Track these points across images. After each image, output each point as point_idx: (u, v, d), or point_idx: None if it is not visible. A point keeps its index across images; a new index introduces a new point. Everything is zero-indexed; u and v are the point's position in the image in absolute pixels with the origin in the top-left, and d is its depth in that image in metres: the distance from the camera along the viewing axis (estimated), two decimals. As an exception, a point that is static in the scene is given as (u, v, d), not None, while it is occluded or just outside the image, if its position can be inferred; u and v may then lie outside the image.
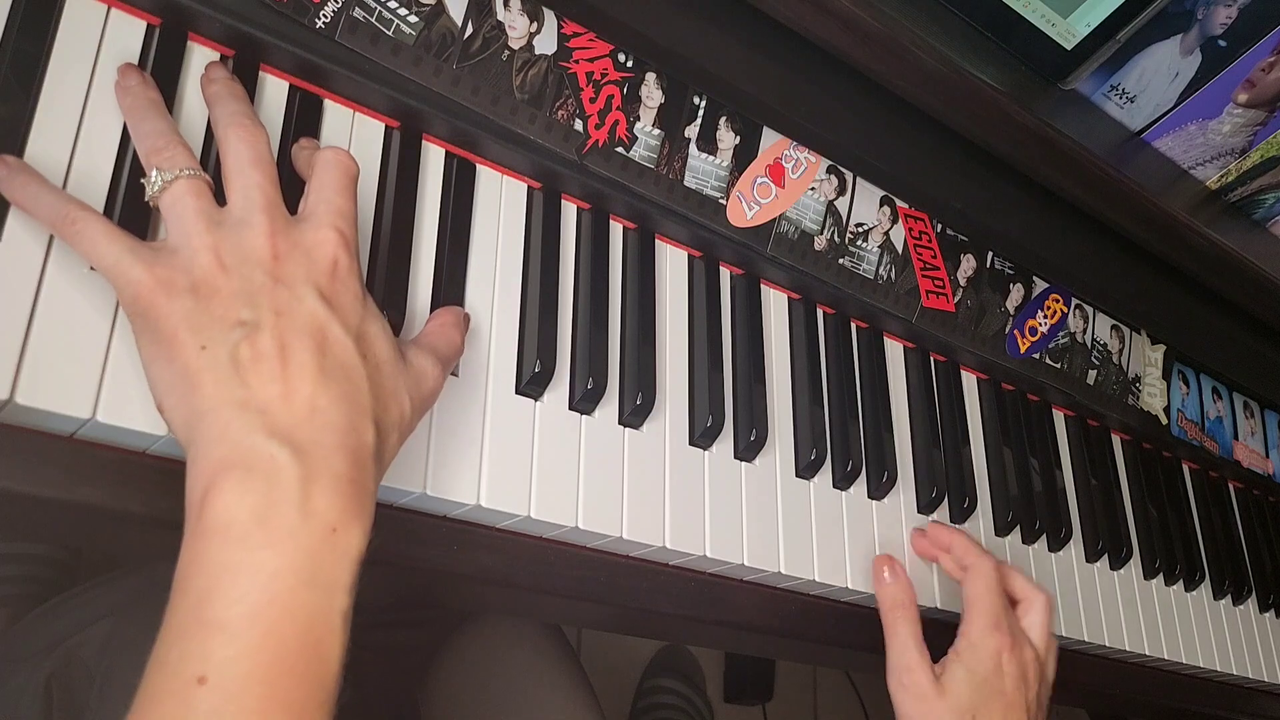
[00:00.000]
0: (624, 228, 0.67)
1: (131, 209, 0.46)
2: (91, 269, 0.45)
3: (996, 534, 0.81)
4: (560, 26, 0.61)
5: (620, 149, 0.64)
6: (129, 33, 0.50)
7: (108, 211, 0.46)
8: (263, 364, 0.41)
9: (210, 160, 0.50)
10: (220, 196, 0.45)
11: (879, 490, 0.73)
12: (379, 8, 0.55)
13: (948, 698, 0.64)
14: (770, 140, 0.70)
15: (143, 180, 0.45)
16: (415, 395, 0.47)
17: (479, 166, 0.61)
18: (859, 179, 0.75)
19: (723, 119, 0.68)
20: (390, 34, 0.55)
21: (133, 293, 0.42)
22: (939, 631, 0.69)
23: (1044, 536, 0.84)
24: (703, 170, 0.67)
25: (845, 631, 0.72)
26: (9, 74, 0.45)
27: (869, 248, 0.76)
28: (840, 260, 0.74)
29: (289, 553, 0.39)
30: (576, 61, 0.62)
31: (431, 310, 0.56)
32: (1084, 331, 0.91)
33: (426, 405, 0.49)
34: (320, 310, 0.43)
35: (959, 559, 0.71)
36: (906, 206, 0.78)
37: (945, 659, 0.67)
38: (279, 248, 0.44)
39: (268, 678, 0.37)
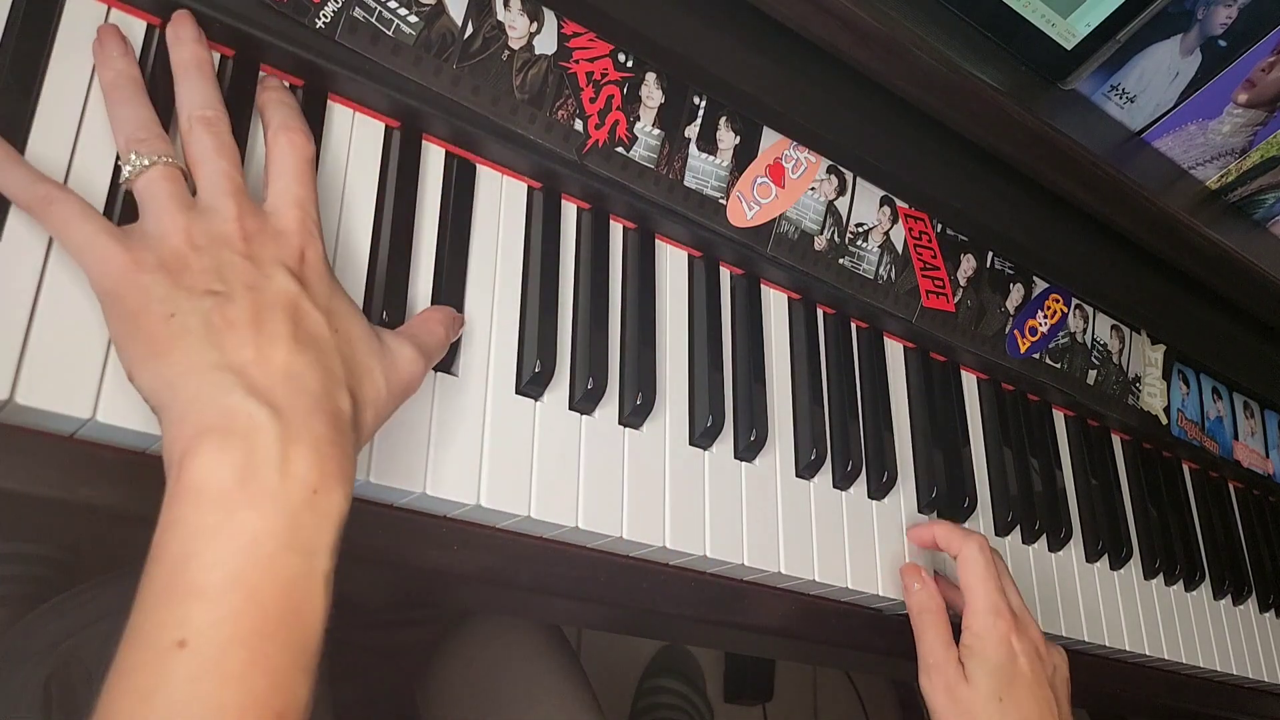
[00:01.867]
0: (624, 228, 0.67)
1: (130, 208, 0.46)
2: None
3: (996, 534, 0.81)
4: (560, 26, 0.61)
5: (620, 149, 0.64)
6: (129, 33, 0.50)
7: (107, 211, 0.46)
8: (236, 330, 0.41)
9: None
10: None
11: (879, 490, 0.73)
12: (379, 8, 0.55)
13: (974, 689, 0.66)
14: (770, 140, 0.70)
15: (119, 163, 0.45)
16: (392, 377, 0.47)
17: (479, 166, 0.61)
18: (859, 179, 0.75)
19: (723, 119, 0.68)
20: (390, 34, 0.55)
21: (101, 269, 0.42)
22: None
23: (1044, 536, 0.84)
24: (703, 170, 0.67)
25: (845, 631, 0.72)
26: (9, 73, 0.45)
27: (869, 248, 0.76)
28: (840, 260, 0.74)
29: (269, 515, 0.38)
30: (576, 61, 0.62)
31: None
32: (1084, 331, 0.91)
33: (405, 390, 0.48)
34: (291, 285, 0.44)
35: (945, 547, 0.72)
36: (906, 206, 0.78)
37: (959, 653, 0.68)
38: (248, 228, 0.45)
39: (249, 642, 0.37)
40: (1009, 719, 0.66)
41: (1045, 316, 0.88)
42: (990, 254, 0.84)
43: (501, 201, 0.62)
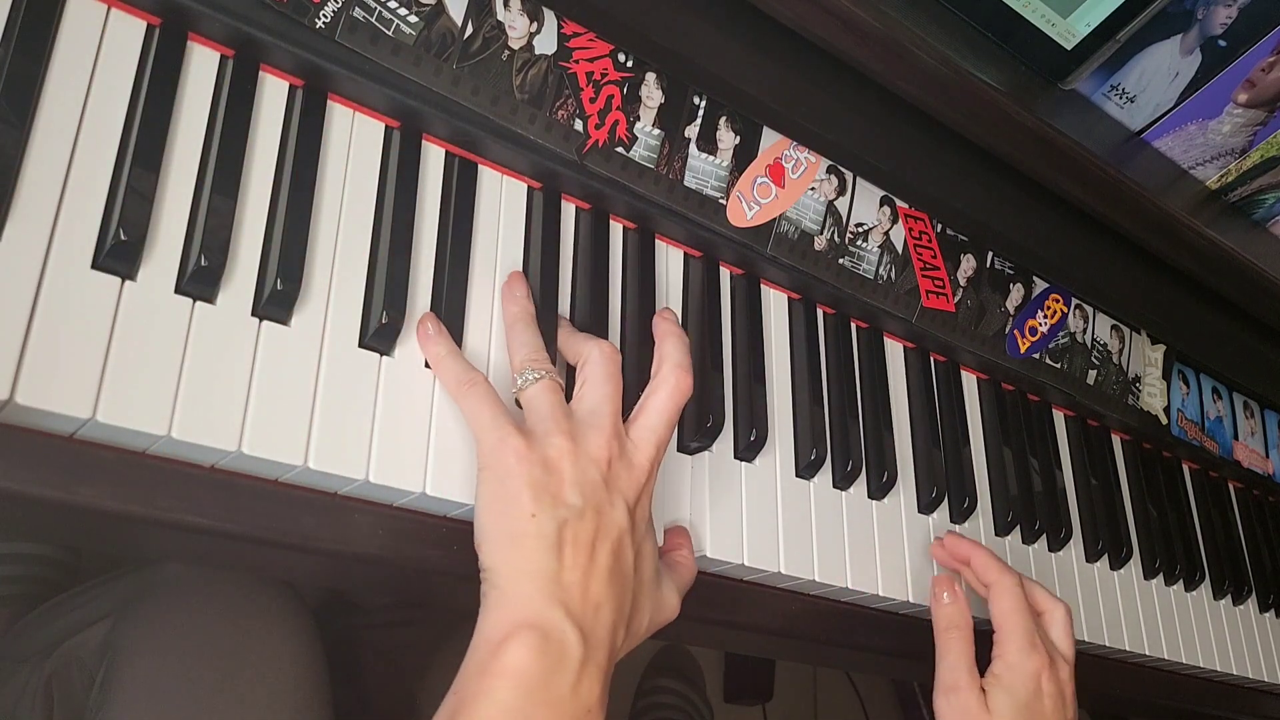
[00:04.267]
0: (624, 228, 0.67)
1: (130, 210, 0.46)
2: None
3: (996, 534, 0.81)
4: (560, 26, 0.61)
5: (620, 149, 0.64)
6: (129, 32, 0.50)
7: (110, 202, 0.47)
8: (577, 551, 0.49)
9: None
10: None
11: (879, 490, 0.73)
12: (379, 8, 0.55)
13: (993, 718, 0.65)
14: (770, 140, 0.70)
15: (516, 376, 0.54)
16: (656, 617, 0.54)
17: (479, 166, 0.61)
18: (859, 179, 0.75)
19: (723, 119, 0.68)
20: (390, 34, 0.55)
21: (497, 446, 0.50)
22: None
23: (1044, 536, 0.84)
24: (703, 170, 0.67)
25: (845, 631, 0.72)
26: (11, 71, 0.45)
27: (869, 248, 0.76)
28: (840, 260, 0.74)
29: (555, 718, 0.46)
30: (576, 61, 0.62)
31: (430, 309, 0.56)
32: (1084, 331, 0.91)
33: (657, 628, 0.55)
34: (625, 522, 0.51)
35: (980, 575, 0.71)
36: (906, 206, 0.78)
37: (984, 680, 0.66)
38: (614, 453, 0.52)
39: None
40: None
41: (1045, 316, 0.88)
42: (990, 254, 0.84)
43: (502, 202, 0.62)
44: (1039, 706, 0.66)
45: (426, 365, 0.55)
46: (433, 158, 0.60)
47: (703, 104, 0.67)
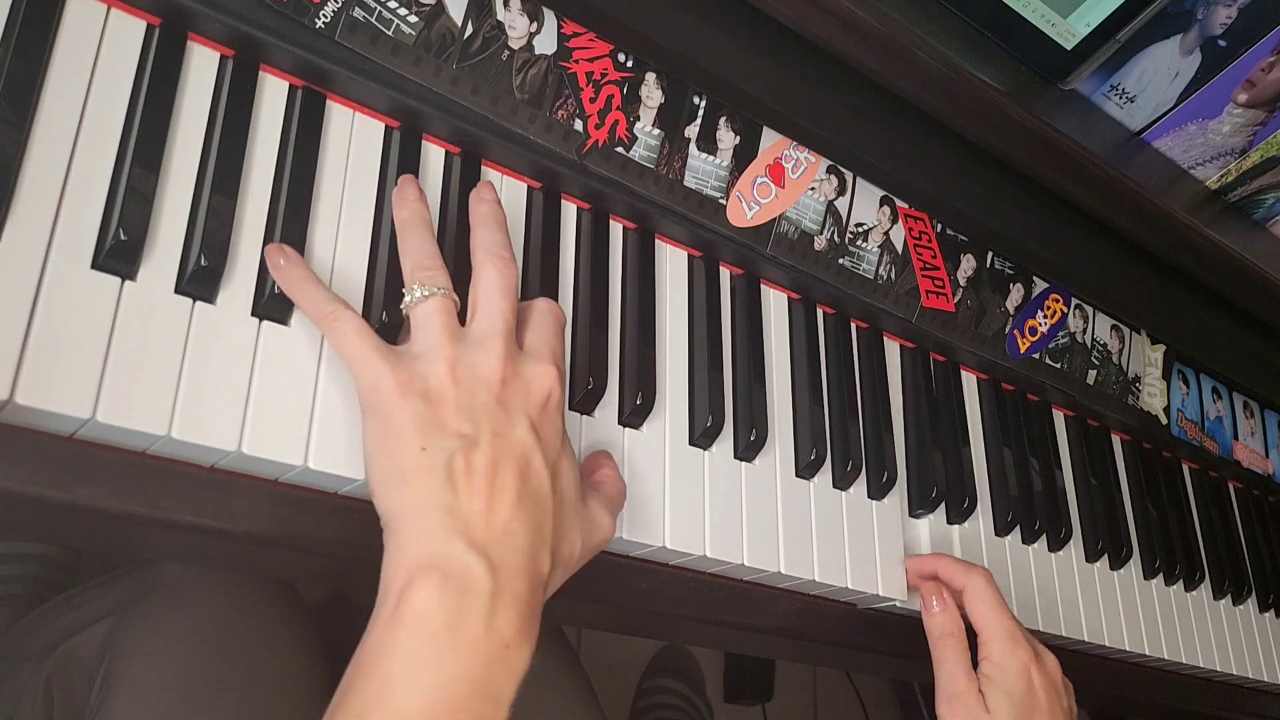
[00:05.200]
0: (624, 228, 0.67)
1: (130, 210, 0.46)
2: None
3: (996, 534, 0.81)
4: (560, 26, 0.61)
5: (620, 149, 0.64)
6: (129, 33, 0.50)
7: (110, 202, 0.47)
8: (473, 478, 0.45)
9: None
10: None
11: (879, 490, 0.73)
12: (379, 8, 0.55)
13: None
14: (770, 140, 0.70)
15: (403, 290, 0.50)
16: (588, 540, 0.51)
17: (480, 167, 0.61)
18: (859, 179, 0.75)
19: (723, 119, 0.68)
20: (390, 34, 0.55)
21: (373, 383, 0.47)
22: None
23: (1044, 536, 0.84)
24: (703, 170, 0.67)
25: (845, 631, 0.72)
26: (11, 71, 0.45)
27: (869, 248, 0.76)
28: (840, 260, 0.74)
29: (469, 661, 0.42)
30: (576, 61, 0.62)
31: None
32: (1084, 331, 0.91)
33: (594, 552, 0.52)
34: (529, 439, 0.48)
35: (949, 583, 0.71)
36: (906, 206, 0.78)
37: (979, 684, 0.67)
38: (506, 372, 0.48)
39: None
40: None
41: (1045, 316, 0.88)
42: (990, 254, 0.84)
43: (502, 202, 0.62)
44: (1034, 699, 0.66)
45: None
46: (433, 158, 0.60)
47: (703, 104, 0.67)
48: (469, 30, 0.58)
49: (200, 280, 0.48)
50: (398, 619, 0.42)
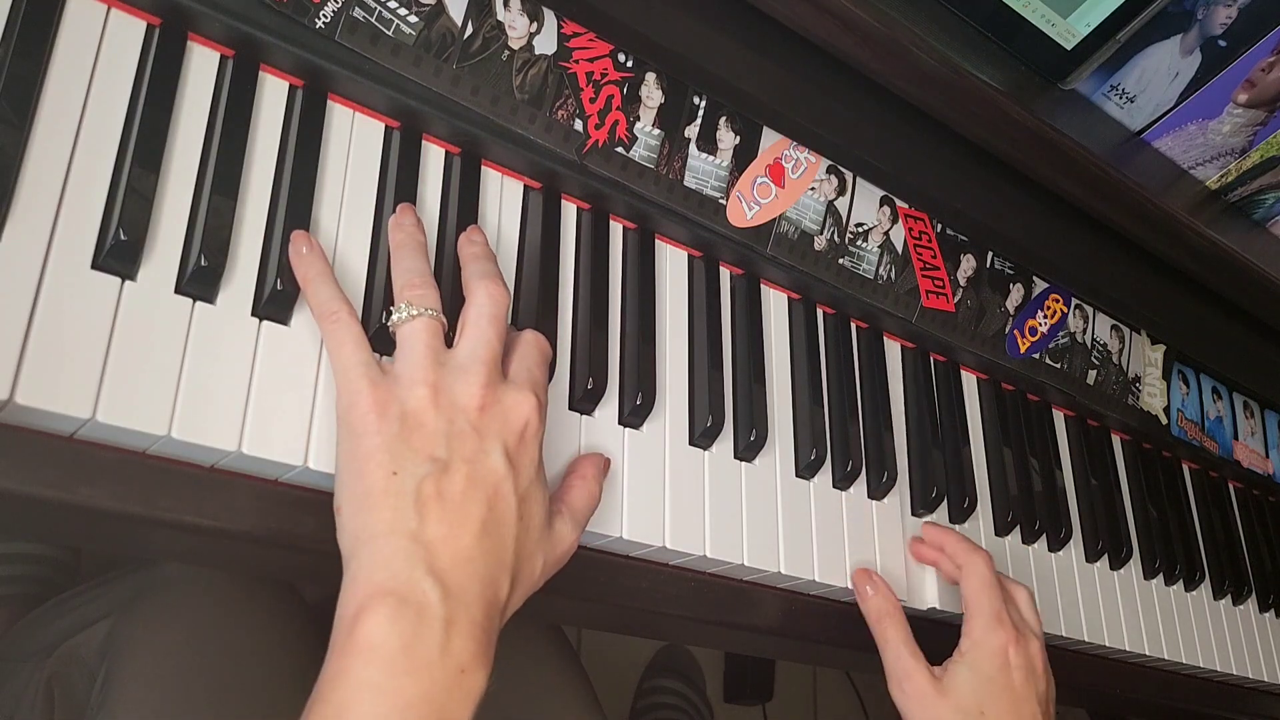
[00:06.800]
0: (624, 228, 0.67)
1: (130, 210, 0.46)
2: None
3: (996, 534, 0.81)
4: (560, 26, 0.61)
5: (620, 149, 0.64)
6: (129, 32, 0.50)
7: (110, 202, 0.47)
8: (442, 504, 0.45)
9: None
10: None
11: (879, 490, 0.73)
12: (379, 8, 0.55)
13: (950, 697, 0.64)
14: (770, 140, 0.70)
15: (390, 308, 0.50)
16: (549, 558, 0.51)
17: (480, 166, 0.61)
18: (859, 179, 0.75)
19: (723, 119, 0.68)
20: (390, 34, 0.55)
21: (351, 400, 0.47)
22: (946, 633, 0.69)
23: (1044, 536, 0.84)
24: (703, 170, 0.67)
25: (845, 631, 0.72)
26: (11, 71, 0.45)
27: (869, 248, 0.76)
28: (840, 260, 0.74)
29: (424, 685, 0.42)
30: (576, 61, 0.62)
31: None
32: (1084, 331, 0.91)
33: (556, 567, 0.52)
34: (501, 467, 0.47)
35: (952, 557, 0.71)
36: (906, 206, 0.78)
37: (949, 660, 0.66)
38: (486, 399, 0.48)
39: None
40: None
41: (1045, 316, 0.88)
42: (990, 254, 0.84)
43: (501, 201, 0.62)
44: (1006, 680, 0.65)
45: None
46: (433, 157, 0.60)
47: (703, 104, 0.67)
48: (469, 30, 0.58)
49: (200, 280, 0.48)
50: (353, 645, 0.42)
